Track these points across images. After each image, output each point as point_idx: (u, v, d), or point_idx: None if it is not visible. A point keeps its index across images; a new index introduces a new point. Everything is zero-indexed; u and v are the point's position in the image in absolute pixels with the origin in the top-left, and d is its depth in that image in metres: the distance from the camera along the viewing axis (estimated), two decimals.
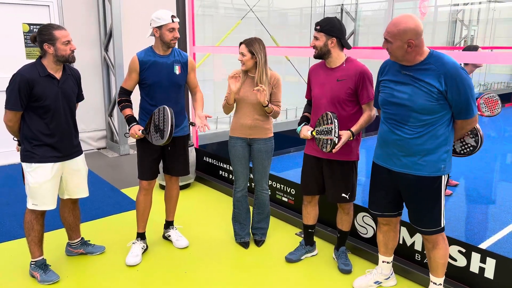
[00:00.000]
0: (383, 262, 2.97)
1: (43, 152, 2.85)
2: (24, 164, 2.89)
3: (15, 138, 2.96)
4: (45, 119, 2.83)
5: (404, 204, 2.73)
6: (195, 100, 3.43)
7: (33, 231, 2.95)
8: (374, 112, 2.94)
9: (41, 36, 2.77)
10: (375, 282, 2.99)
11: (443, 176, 2.51)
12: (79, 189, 3.13)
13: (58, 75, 2.86)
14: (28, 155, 2.85)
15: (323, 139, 2.83)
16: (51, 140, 2.87)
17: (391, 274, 3.02)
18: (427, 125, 2.42)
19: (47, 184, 2.88)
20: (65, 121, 2.93)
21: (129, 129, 3.17)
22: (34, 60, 2.84)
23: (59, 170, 2.94)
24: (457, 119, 2.44)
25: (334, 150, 2.75)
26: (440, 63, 2.34)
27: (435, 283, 2.73)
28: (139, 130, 3.10)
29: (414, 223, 2.66)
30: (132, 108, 3.24)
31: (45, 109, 2.81)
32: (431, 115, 2.40)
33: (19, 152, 2.93)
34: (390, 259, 2.97)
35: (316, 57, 2.97)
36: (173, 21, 3.11)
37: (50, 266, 3.08)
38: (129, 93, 3.27)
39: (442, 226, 2.59)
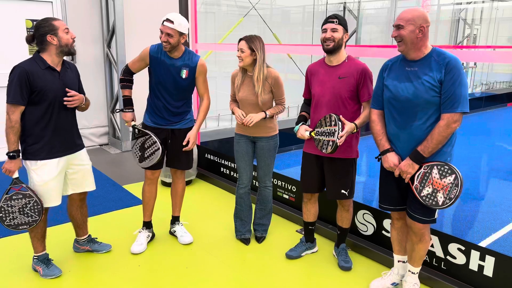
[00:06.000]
0: (398, 261, 2.92)
1: (48, 148, 2.82)
2: (28, 162, 2.83)
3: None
4: (49, 113, 2.79)
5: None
6: (199, 111, 3.39)
7: (36, 228, 2.94)
8: None
9: (41, 29, 2.73)
10: (392, 284, 2.94)
11: None
12: (86, 182, 3.12)
13: (58, 68, 2.84)
14: (32, 153, 2.81)
15: (324, 140, 2.82)
16: (55, 135, 2.84)
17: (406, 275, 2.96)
18: (436, 118, 2.46)
19: (53, 181, 2.86)
20: (68, 114, 2.92)
21: (122, 110, 3.27)
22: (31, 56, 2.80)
23: (64, 165, 2.93)
24: (443, 112, 2.41)
25: (339, 141, 2.72)
26: (442, 56, 2.44)
27: (413, 272, 2.79)
28: (131, 121, 3.23)
29: (411, 210, 2.64)
30: (131, 89, 3.33)
31: (48, 102, 2.77)
32: (438, 109, 2.45)
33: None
34: (406, 258, 2.89)
35: (330, 50, 2.88)
36: (162, 24, 3.08)
37: (52, 260, 3.10)
38: (132, 73, 3.32)
39: (435, 217, 2.62)
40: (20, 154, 2.78)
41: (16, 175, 2.77)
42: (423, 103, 2.46)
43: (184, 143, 3.29)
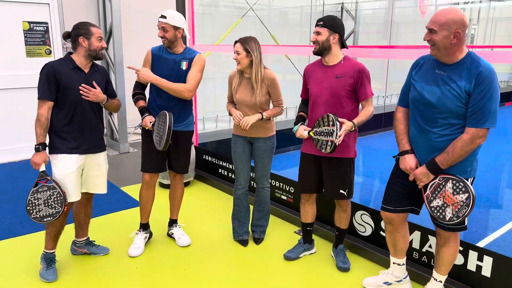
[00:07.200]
0: (393, 263, 2.88)
1: (70, 144, 2.92)
2: (50, 156, 2.95)
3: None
4: (71, 111, 2.90)
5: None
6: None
7: (52, 226, 3.00)
8: (373, 108, 2.95)
9: (77, 30, 2.89)
10: (384, 283, 2.91)
11: (469, 178, 2.45)
12: (98, 185, 3.17)
13: (86, 69, 2.96)
14: (54, 147, 2.92)
15: (323, 140, 2.83)
16: (78, 133, 2.94)
17: (404, 278, 2.90)
18: (456, 128, 2.36)
19: (71, 175, 2.94)
20: (91, 115, 3.00)
21: (142, 119, 3.25)
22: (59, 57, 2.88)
23: (82, 163, 3.00)
24: (468, 126, 2.29)
25: (337, 141, 2.71)
26: (475, 64, 2.27)
27: (436, 279, 2.71)
28: (150, 122, 3.19)
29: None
30: (145, 101, 3.34)
31: (71, 101, 2.88)
32: (460, 119, 2.34)
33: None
34: (401, 261, 2.84)
35: (316, 53, 2.96)
36: (158, 20, 3.16)
37: (56, 262, 3.12)
38: (143, 87, 3.34)
39: (465, 224, 2.52)
40: (46, 148, 2.88)
41: (42, 168, 2.86)
42: (446, 111, 2.34)
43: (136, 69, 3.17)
